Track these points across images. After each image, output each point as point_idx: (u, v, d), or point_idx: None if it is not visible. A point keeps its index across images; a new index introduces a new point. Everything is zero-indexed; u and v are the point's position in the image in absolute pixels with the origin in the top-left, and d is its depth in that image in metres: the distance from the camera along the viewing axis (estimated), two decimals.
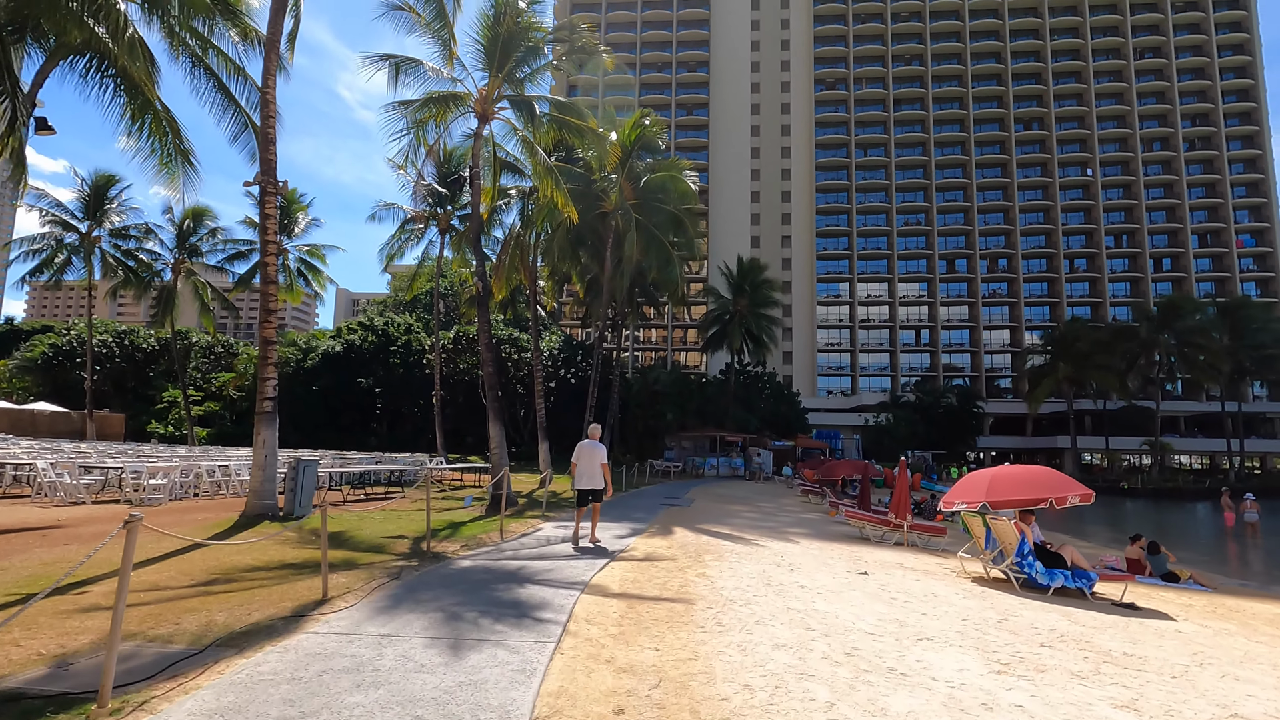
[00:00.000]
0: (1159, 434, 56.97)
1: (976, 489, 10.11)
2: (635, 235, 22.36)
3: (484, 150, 18.86)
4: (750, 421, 46.70)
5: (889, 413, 61.11)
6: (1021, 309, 78.38)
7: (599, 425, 11.07)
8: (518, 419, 46.98)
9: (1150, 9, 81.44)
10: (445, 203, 36.05)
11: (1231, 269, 76.27)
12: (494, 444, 16.77)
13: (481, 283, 16.73)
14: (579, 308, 45.55)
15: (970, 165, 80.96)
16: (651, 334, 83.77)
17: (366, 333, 49.10)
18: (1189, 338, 51.37)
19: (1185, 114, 79.53)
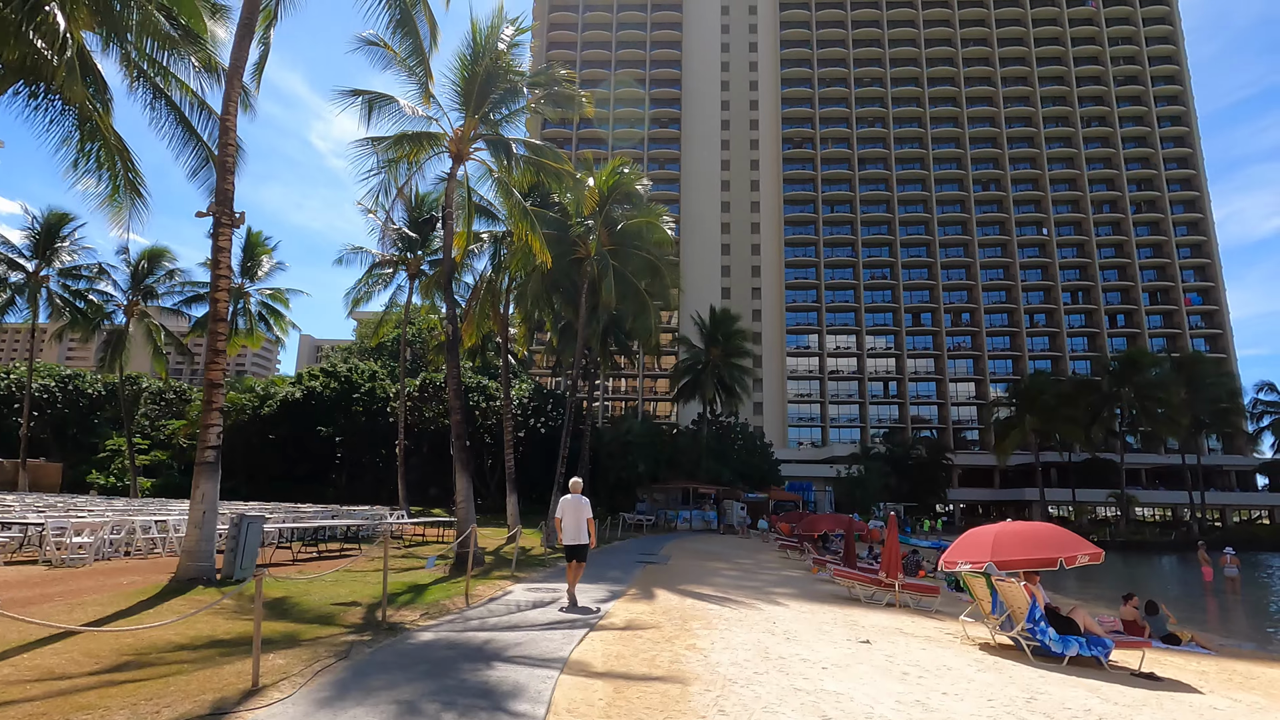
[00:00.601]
0: (1124, 486, 57.60)
1: (980, 548, 9.50)
2: (611, 281, 21.91)
3: (458, 192, 18.37)
4: (723, 473, 45.88)
5: (861, 464, 60.89)
6: (985, 362, 79.87)
7: (580, 480, 10.33)
8: (484, 470, 45.44)
9: (1094, 81, 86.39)
10: (415, 247, 35.37)
11: (1181, 325, 79.11)
12: (460, 497, 15.71)
13: (451, 326, 15.96)
14: (550, 356, 44.77)
15: (932, 222, 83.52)
16: (622, 384, 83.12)
17: (328, 379, 47.48)
18: (1148, 391, 52.57)
19: (1131, 179, 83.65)
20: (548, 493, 43.47)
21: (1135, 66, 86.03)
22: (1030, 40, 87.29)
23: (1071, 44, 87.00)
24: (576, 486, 10.20)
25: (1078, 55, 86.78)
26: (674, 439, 48.10)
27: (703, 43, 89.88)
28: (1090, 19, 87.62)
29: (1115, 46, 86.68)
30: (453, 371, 15.74)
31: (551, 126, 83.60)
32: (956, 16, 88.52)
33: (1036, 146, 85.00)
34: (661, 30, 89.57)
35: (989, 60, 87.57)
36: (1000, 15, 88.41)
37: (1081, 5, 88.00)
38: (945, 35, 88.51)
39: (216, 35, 13.76)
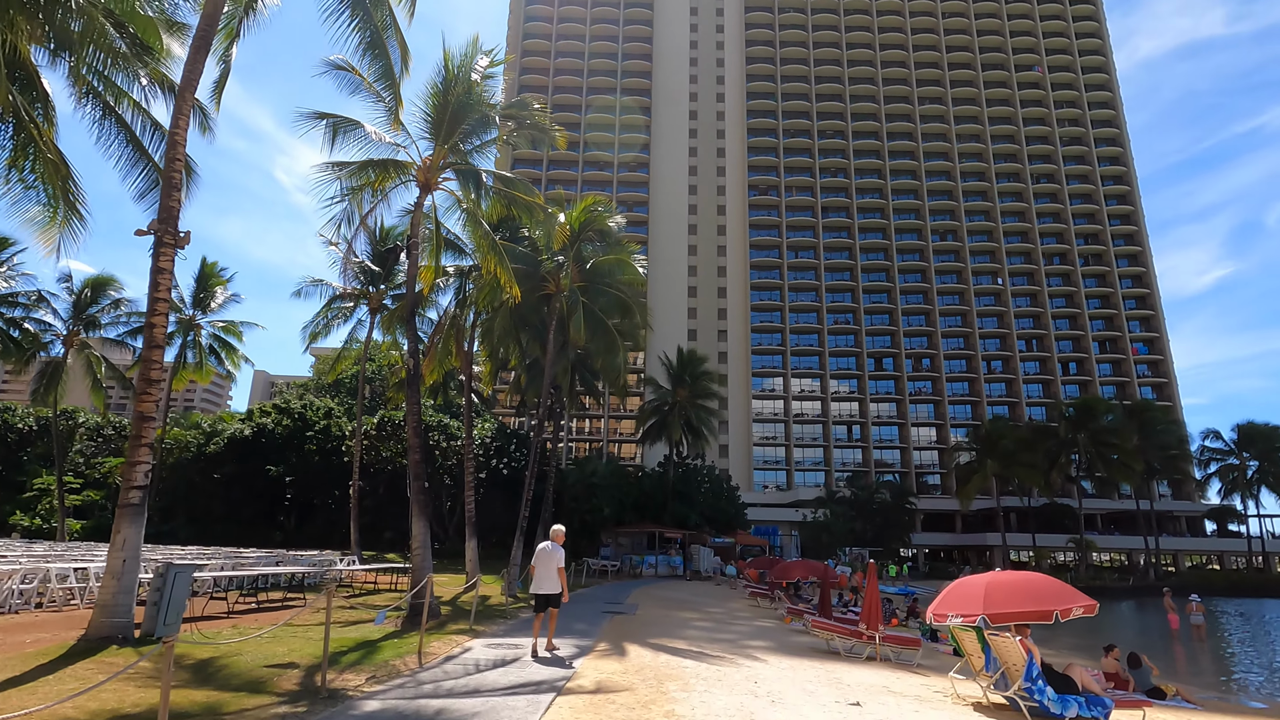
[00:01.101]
0: (1082, 531, 58.38)
1: (971, 599, 9.01)
2: (581, 318, 21.40)
3: (425, 223, 17.80)
4: (689, 516, 45.00)
5: (826, 508, 60.56)
6: (946, 407, 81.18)
7: (561, 528, 9.83)
8: (442, 512, 43.78)
9: (1043, 141, 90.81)
10: (378, 281, 34.47)
11: (1130, 373, 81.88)
12: (416, 542, 14.69)
13: (413, 360, 15.19)
14: (514, 395, 43.79)
15: (893, 269, 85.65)
16: (586, 424, 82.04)
17: (281, 416, 45.53)
18: (1103, 437, 53.78)
19: (1079, 233, 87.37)
20: (509, 537, 41.95)
21: (1079, 129, 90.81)
22: (982, 100, 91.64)
23: (1020, 105, 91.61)
24: (557, 535, 9.92)
25: (1026, 116, 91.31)
26: (639, 481, 47.16)
27: (672, 89, 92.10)
28: (1037, 83, 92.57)
29: (1060, 109, 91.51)
30: (413, 408, 14.90)
31: (521, 166, 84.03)
32: (913, 76, 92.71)
33: (990, 200, 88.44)
34: (631, 78, 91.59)
35: (944, 118, 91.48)
36: (954, 77, 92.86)
37: (1029, 71, 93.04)
38: (903, 93, 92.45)
39: (173, 52, 13.12)
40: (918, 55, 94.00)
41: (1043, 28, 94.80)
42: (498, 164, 17.46)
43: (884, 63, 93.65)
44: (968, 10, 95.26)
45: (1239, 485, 61.68)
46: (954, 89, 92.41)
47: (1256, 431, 59.85)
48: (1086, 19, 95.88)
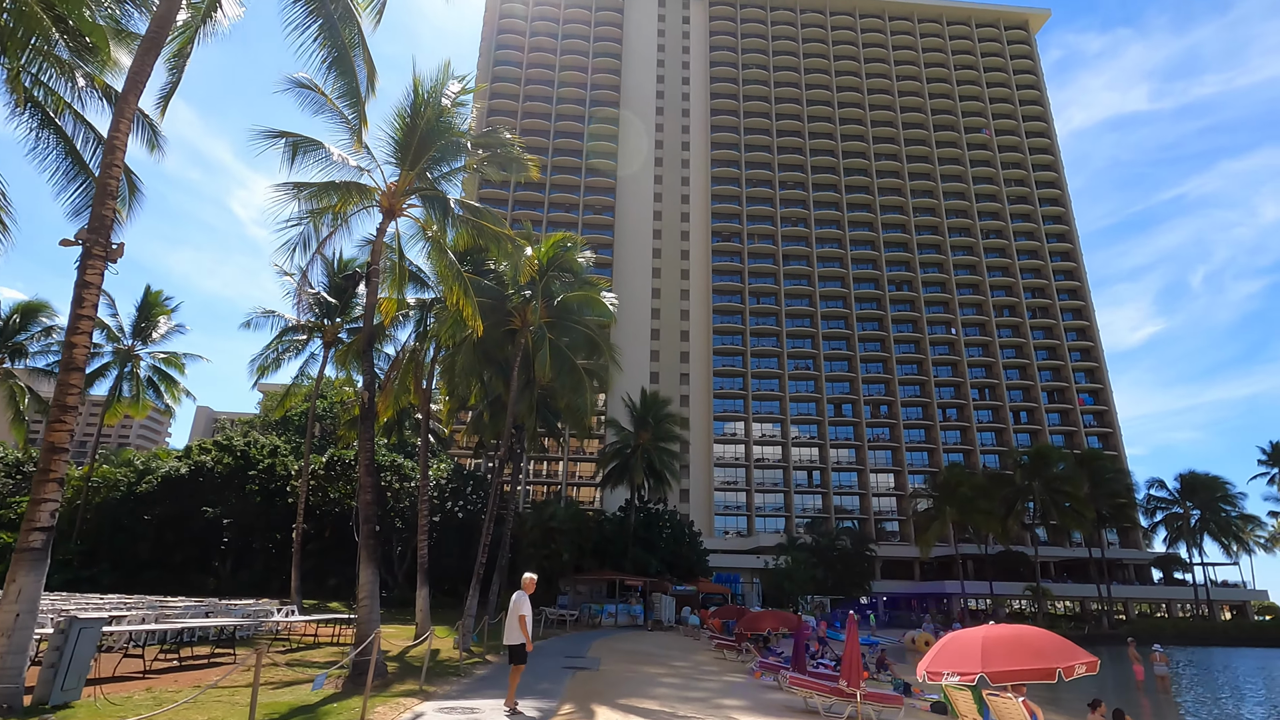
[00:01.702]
0: (1039, 579, 58.85)
1: (967, 656, 8.43)
2: (547, 354, 20.68)
3: (388, 254, 17.05)
4: (651, 563, 43.79)
5: (788, 555, 59.80)
6: (903, 453, 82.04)
7: (532, 576, 9.11)
8: (392, 557, 41.64)
9: (991, 199, 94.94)
10: (334, 313, 33.27)
11: (1077, 423, 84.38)
12: (364, 591, 13.48)
13: (368, 394, 14.23)
14: (472, 436, 42.42)
15: (851, 317, 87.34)
16: (544, 467, 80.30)
17: (222, 453, 43.09)
18: (1057, 485, 54.77)
19: (1027, 287, 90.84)
20: (462, 584, 40.00)
21: (1025, 188, 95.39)
22: (934, 159, 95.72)
23: (970, 164, 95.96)
24: (528, 584, 9.23)
25: (976, 175, 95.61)
26: (600, 526, 45.85)
27: (638, 132, 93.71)
28: (986, 144, 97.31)
29: (1008, 170, 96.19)
30: (366, 444, 13.89)
31: (486, 202, 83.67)
32: (870, 133, 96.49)
33: (943, 253, 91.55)
34: (598, 124, 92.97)
35: (899, 174, 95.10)
36: (909, 135, 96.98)
37: (978, 133, 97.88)
38: (860, 149, 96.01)
39: (121, 62, 12.33)
40: (874, 114, 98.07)
41: (990, 94, 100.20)
42: (463, 195, 16.93)
43: (842, 120, 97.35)
44: (920, 75, 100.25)
45: (1183, 533, 63.40)
46: (908, 147, 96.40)
47: (1198, 481, 61.89)
48: (1029, 88, 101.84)
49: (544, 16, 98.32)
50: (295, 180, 13.87)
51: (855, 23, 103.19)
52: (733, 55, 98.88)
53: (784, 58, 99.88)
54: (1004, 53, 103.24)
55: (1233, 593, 70.97)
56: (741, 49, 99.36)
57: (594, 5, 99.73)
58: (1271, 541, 70.64)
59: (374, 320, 15.34)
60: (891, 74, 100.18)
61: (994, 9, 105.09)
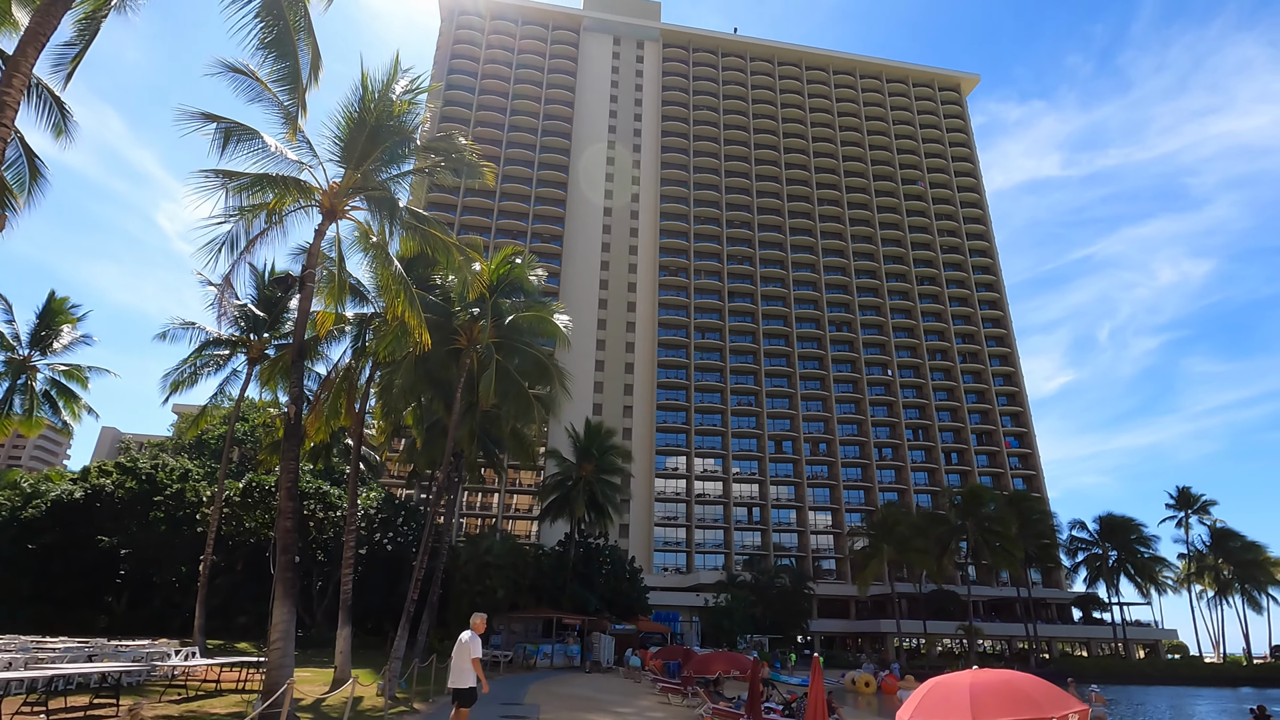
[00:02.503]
0: (972, 618, 59.80)
1: (955, 706, 7.75)
2: (493, 375, 19.54)
3: (326, 264, 15.81)
4: (589, 601, 42.16)
5: (728, 593, 58.99)
6: (841, 491, 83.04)
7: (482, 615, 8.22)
8: (312, 593, 38.71)
9: (925, 247, 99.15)
10: (261, 328, 31.13)
11: (1003, 465, 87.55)
12: (277, 630, 11.94)
13: (295, 408, 12.86)
14: (407, 463, 40.32)
15: (793, 355, 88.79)
16: (478, 499, 77.54)
17: (124, 476, 39.44)
18: (989, 524, 56.13)
19: (957, 332, 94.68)
20: (388, 623, 37.49)
21: (957, 239, 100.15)
22: (874, 206, 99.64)
23: (907, 214, 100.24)
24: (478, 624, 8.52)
25: (912, 224, 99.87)
26: (538, 561, 44.00)
27: (590, 163, 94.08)
28: (921, 196, 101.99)
29: (941, 221, 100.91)
30: (289, 466, 12.47)
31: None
32: (814, 179, 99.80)
33: (880, 297, 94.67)
34: (549, 153, 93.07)
35: (840, 219, 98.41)
36: (850, 184, 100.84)
37: (914, 185, 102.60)
38: (804, 193, 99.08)
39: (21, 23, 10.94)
40: (818, 161, 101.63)
41: (925, 149, 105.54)
42: (411, 204, 15.86)
43: (787, 165, 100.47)
44: (861, 128, 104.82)
45: (1102, 573, 65.88)
46: (850, 194, 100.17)
47: (1116, 523, 64.67)
48: (960, 145, 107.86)
49: (500, 45, 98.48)
50: (226, 169, 12.57)
51: (801, 74, 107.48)
52: (684, 96, 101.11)
53: (733, 102, 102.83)
54: (938, 112, 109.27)
55: (1146, 632, 73.95)
56: (693, 90, 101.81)
57: (549, 39, 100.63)
58: (1179, 582, 74.42)
59: (306, 329, 14.01)
60: (835, 124, 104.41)
61: (929, 71, 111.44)
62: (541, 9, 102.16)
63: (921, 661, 60.40)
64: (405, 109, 14.32)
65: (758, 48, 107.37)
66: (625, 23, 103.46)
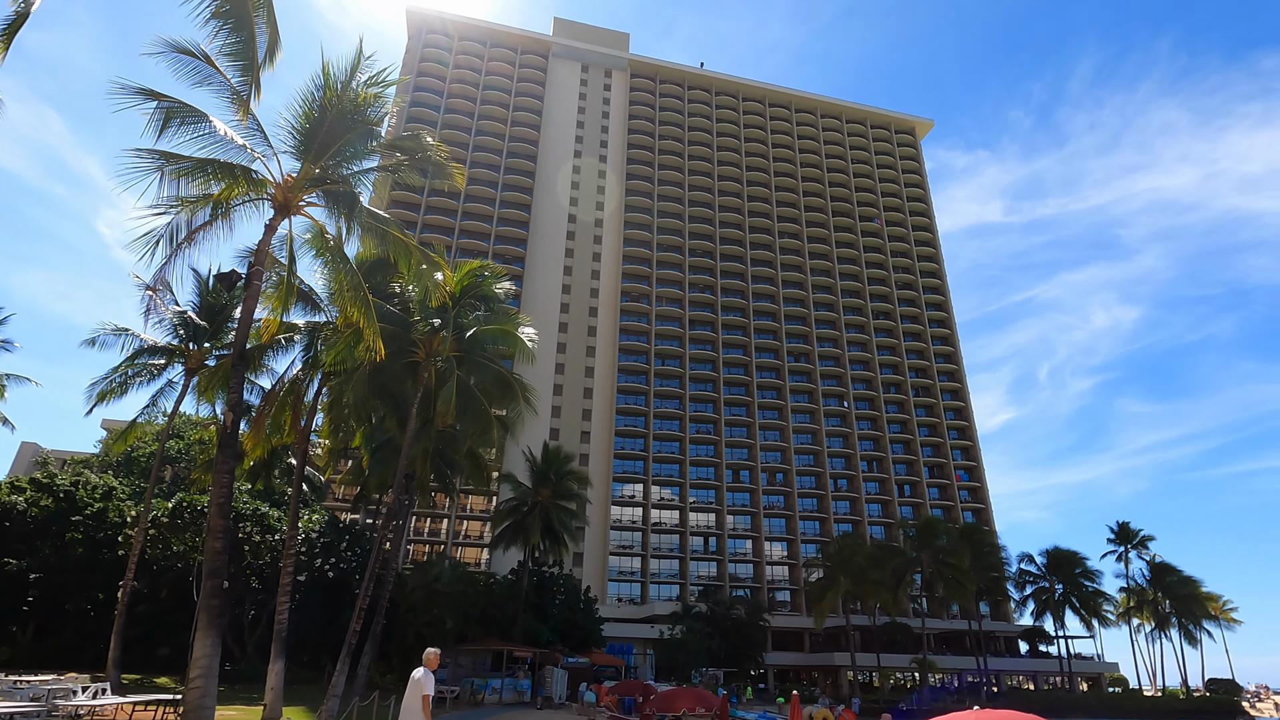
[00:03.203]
0: (925, 651, 59.81)
1: None
2: (453, 391, 18.48)
3: (276, 270, 14.75)
4: (542, 632, 40.56)
5: (683, 624, 57.72)
6: (797, 522, 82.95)
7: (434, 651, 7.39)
8: (243, 622, 36.16)
9: (881, 283, 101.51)
10: (201, 337, 29.36)
11: (954, 498, 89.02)
12: (199, 665, 10.63)
13: (233, 416, 11.69)
14: (353, 485, 38.41)
15: (752, 385, 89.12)
16: (426, 525, 74.81)
17: (40, 493, 36.46)
18: (943, 557, 56.51)
19: (911, 367, 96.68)
20: (325, 655, 35.20)
21: (911, 276, 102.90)
22: (832, 241, 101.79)
23: (864, 250, 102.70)
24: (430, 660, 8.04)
25: (869, 260, 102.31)
26: (489, 590, 42.22)
27: (555, 185, 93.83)
28: (878, 233, 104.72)
29: (897, 258, 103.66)
30: (222, 480, 11.26)
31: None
32: (775, 212, 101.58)
33: (837, 329, 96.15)
34: (513, 175, 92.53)
35: (800, 252, 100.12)
36: (810, 218, 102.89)
37: (871, 222, 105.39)
38: (765, 225, 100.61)
39: None
40: (779, 195, 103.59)
41: (882, 188, 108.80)
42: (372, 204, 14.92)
43: (750, 197, 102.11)
44: (821, 164, 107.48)
45: (1049, 606, 66.91)
46: (809, 228, 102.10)
47: (1062, 556, 65.96)
48: (915, 186, 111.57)
49: (467, 66, 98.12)
50: (167, 150, 11.49)
51: (764, 110, 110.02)
52: (650, 125, 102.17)
53: (698, 134, 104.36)
54: (894, 153, 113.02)
55: (1089, 665, 75.29)
56: (659, 120, 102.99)
57: (517, 62, 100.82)
58: (1118, 615, 76.26)
59: (250, 332, 12.88)
60: (796, 160, 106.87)
61: (886, 114, 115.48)
62: (510, 33, 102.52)
63: (875, 695, 60.05)
64: (370, 101, 13.49)
65: (723, 83, 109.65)
66: (594, 51, 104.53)
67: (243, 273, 12.55)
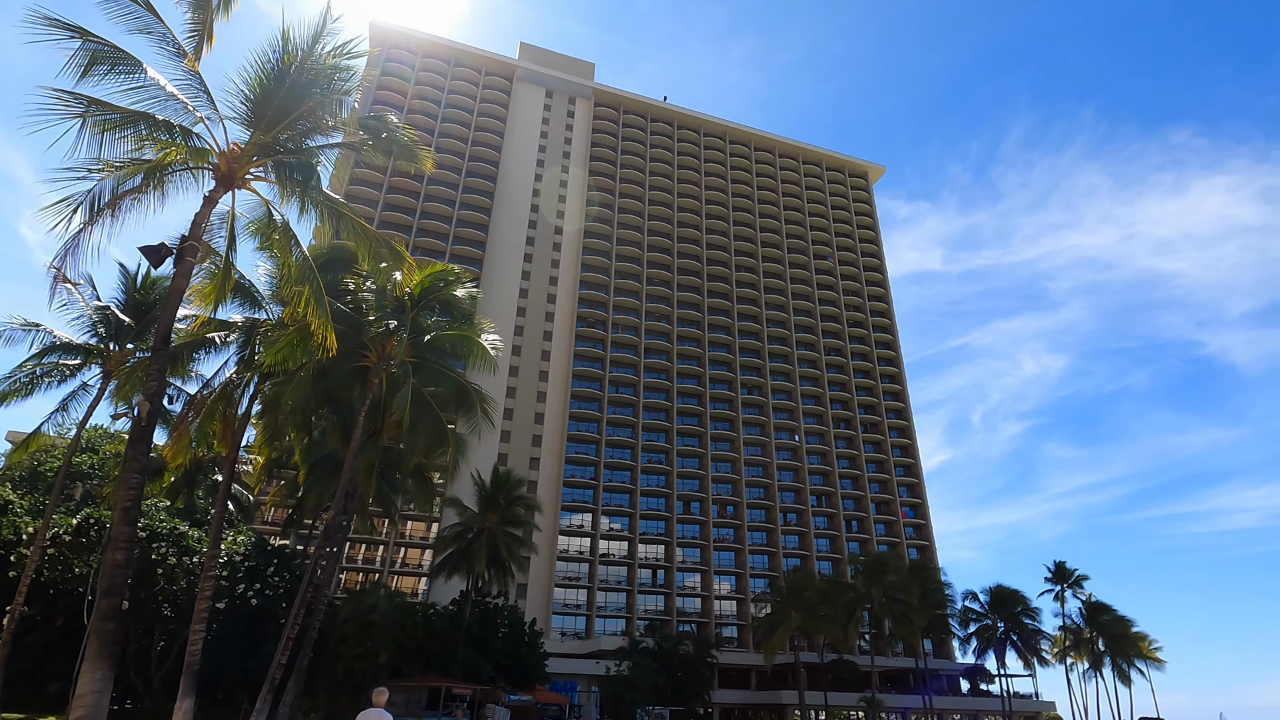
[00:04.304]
0: (873, 689, 59.21)
1: None
2: (408, 397, 16.92)
3: (214, 258, 13.24)
4: (484, 667, 38.18)
5: (630, 660, 55.67)
6: (746, 555, 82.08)
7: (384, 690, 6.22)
8: (150, 654, 32.79)
9: (833, 320, 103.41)
10: (125, 336, 26.91)
11: (899, 535, 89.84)
12: (84, 703, 8.87)
13: (150, 404, 10.07)
14: (284, 506, 35.74)
15: (705, 416, 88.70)
16: (360, 551, 70.91)
17: None
18: (894, 593, 56.34)
19: (860, 404, 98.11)
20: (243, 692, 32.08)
21: (861, 314, 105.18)
22: (787, 277, 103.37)
23: (818, 287, 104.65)
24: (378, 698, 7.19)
25: (822, 297, 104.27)
26: (428, 621, 39.66)
27: (512, 212, 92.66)
28: (831, 271, 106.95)
29: (849, 296, 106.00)
30: (131, 479, 9.59)
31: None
32: (733, 245, 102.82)
33: (790, 364, 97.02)
34: (471, 194, 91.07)
35: (755, 285, 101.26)
36: (766, 254, 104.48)
37: (825, 260, 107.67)
38: (722, 258, 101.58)
39: None
40: (737, 229, 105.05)
41: (836, 228, 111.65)
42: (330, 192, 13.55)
43: (708, 229, 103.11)
44: (778, 202, 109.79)
45: (992, 644, 67.44)
46: (765, 263, 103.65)
47: (1005, 594, 66.75)
48: (867, 228, 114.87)
49: (430, 84, 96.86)
50: (94, 96, 9.99)
51: (725, 146, 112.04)
52: (612, 154, 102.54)
53: (659, 165, 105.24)
54: (848, 196, 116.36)
55: (1028, 704, 76.10)
56: (621, 149, 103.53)
57: (481, 83, 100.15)
58: (1053, 653, 77.51)
59: (177, 309, 11.30)
60: (754, 196, 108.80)
61: (841, 157, 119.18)
62: (475, 54, 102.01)
63: None
64: (334, 70, 12.27)
65: (685, 117, 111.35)
66: (559, 77, 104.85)
67: (174, 247, 11.04)
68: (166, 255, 10.62)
